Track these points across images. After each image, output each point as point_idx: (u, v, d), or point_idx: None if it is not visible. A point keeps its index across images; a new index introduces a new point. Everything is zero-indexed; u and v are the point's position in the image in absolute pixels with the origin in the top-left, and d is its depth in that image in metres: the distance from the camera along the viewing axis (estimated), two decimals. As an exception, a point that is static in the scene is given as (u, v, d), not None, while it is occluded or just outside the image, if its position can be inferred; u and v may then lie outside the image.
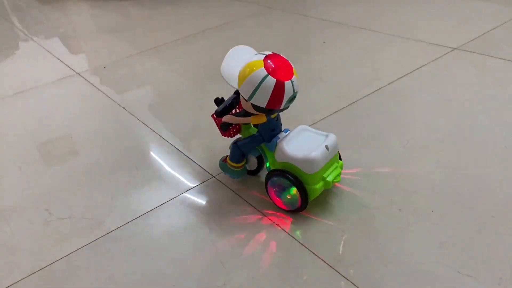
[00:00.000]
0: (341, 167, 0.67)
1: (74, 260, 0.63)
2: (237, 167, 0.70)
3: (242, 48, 0.67)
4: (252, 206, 0.68)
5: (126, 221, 0.69)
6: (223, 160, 0.73)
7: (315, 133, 0.66)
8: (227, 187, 0.73)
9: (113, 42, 1.52)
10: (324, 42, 1.26)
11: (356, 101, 0.94)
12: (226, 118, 0.68)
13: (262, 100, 0.59)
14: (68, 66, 1.34)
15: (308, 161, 0.61)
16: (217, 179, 0.76)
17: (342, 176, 0.68)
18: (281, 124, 0.68)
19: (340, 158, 0.69)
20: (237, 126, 0.72)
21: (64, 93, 1.19)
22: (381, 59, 1.12)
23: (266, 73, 0.58)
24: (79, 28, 1.75)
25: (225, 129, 0.70)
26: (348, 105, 0.93)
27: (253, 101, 0.60)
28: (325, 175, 0.63)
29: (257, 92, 0.59)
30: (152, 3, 1.90)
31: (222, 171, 0.74)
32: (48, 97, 1.17)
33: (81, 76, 1.26)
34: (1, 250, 0.67)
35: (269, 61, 0.59)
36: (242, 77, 0.60)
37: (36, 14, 2.02)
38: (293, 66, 0.62)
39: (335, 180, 0.65)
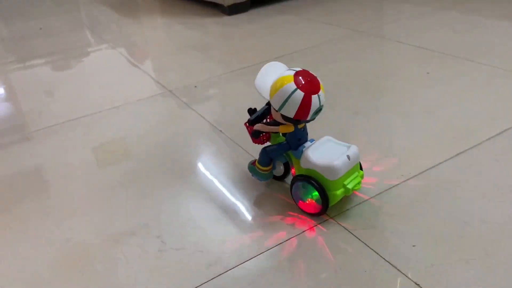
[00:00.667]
0: (362, 177, 0.73)
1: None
2: (265, 171, 0.78)
3: (275, 64, 0.75)
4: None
5: (243, 259, 0.65)
6: (252, 163, 0.80)
7: (338, 144, 0.73)
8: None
9: (200, 60, 1.52)
10: (428, 73, 1.19)
11: (479, 143, 0.86)
12: (257, 127, 0.76)
13: (290, 111, 0.67)
14: (159, 83, 1.36)
15: (331, 169, 0.68)
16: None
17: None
18: (307, 135, 0.74)
19: (361, 168, 0.74)
20: (267, 134, 0.79)
21: (158, 110, 1.19)
22: (498, 95, 1.03)
23: (295, 87, 0.66)
24: (166, 44, 1.78)
25: (256, 136, 0.77)
26: (470, 148, 0.85)
27: (282, 111, 0.67)
28: (345, 183, 0.69)
29: (286, 104, 0.66)
30: (233, 22, 1.91)
31: (251, 173, 0.80)
32: (142, 113, 1.18)
33: (173, 94, 1.27)
34: (117, 281, 0.65)
35: (299, 76, 0.67)
36: (274, 89, 0.68)
37: (120, 28, 2.09)
38: (320, 82, 0.68)
39: (354, 188, 0.70)
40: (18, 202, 0.87)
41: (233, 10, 1.98)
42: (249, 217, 0.75)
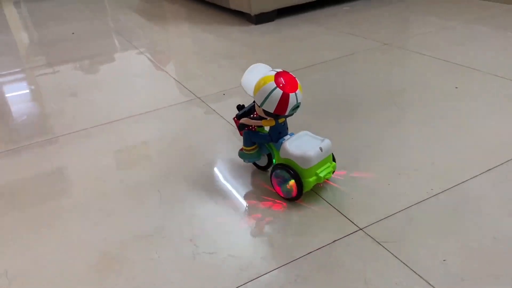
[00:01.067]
0: (334, 168, 0.83)
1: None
2: (250, 151, 0.88)
3: (260, 65, 0.85)
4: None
5: (276, 266, 0.67)
6: (240, 149, 0.90)
7: (314, 138, 0.82)
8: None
9: (228, 68, 1.56)
10: (456, 87, 1.19)
11: (509, 160, 0.86)
12: (243, 120, 0.86)
13: (270, 106, 0.77)
14: (188, 89, 1.40)
15: (304, 158, 0.77)
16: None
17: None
18: (287, 129, 0.85)
19: (334, 160, 0.84)
20: (253, 128, 0.87)
21: (188, 116, 1.22)
22: (527, 112, 1.03)
23: (275, 85, 0.75)
24: (194, 51, 1.82)
25: (242, 129, 0.89)
26: (500, 164, 0.85)
27: (264, 107, 0.77)
28: (318, 171, 0.79)
29: (267, 100, 0.76)
30: (259, 31, 1.94)
31: (241, 158, 0.90)
32: (173, 119, 1.22)
33: (202, 100, 1.30)
34: (151, 282, 0.68)
35: (279, 77, 0.77)
36: (257, 87, 0.78)
37: (149, 35, 2.15)
38: (299, 82, 0.78)
39: (326, 177, 0.80)
40: (53, 200, 0.91)
41: (259, 19, 2.01)
42: (280, 223, 0.77)
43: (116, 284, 0.68)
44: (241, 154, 0.90)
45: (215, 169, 0.95)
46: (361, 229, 0.73)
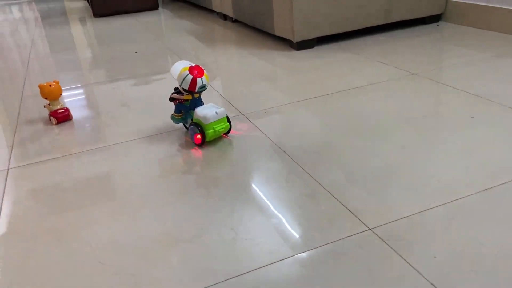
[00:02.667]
0: (227, 126, 1.33)
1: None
2: (178, 117, 1.38)
3: (183, 61, 1.32)
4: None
5: (303, 249, 0.85)
6: (172, 115, 1.39)
7: (214, 107, 1.31)
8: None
9: (269, 89, 1.76)
10: (472, 117, 1.33)
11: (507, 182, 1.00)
12: (174, 95, 1.34)
13: (186, 85, 1.28)
14: (234, 106, 1.61)
15: (205, 118, 1.27)
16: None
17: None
18: (202, 102, 1.37)
19: (228, 121, 1.34)
20: (181, 101, 1.34)
21: (233, 130, 1.43)
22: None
23: (188, 72, 1.27)
24: (240, 72, 2.05)
25: (171, 100, 1.35)
26: (498, 185, 0.99)
27: (182, 86, 1.29)
28: (215, 127, 1.29)
29: (183, 82, 1.28)
30: (300, 57, 2.14)
31: (173, 122, 1.41)
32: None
33: (246, 117, 1.51)
34: (202, 258, 0.88)
35: (192, 68, 1.28)
36: (179, 74, 1.29)
37: (200, 56, 2.40)
38: (205, 73, 1.30)
39: (220, 131, 1.31)
40: (108, 200, 1.13)
41: (301, 45, 2.22)
42: (305, 217, 0.95)
43: (177, 260, 0.88)
44: (172, 117, 1.40)
45: (254, 176, 1.15)
46: (370, 229, 0.90)
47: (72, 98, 1.89)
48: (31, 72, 2.37)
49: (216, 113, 1.27)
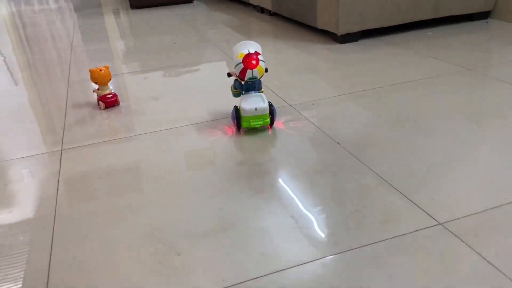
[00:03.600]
0: (265, 122, 1.30)
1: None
2: (235, 91, 1.36)
3: (245, 42, 1.32)
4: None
5: (362, 244, 0.82)
6: (231, 88, 1.38)
7: (260, 100, 1.29)
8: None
9: (315, 82, 1.73)
10: (536, 114, 1.27)
11: None
12: (231, 71, 1.35)
13: (237, 72, 1.27)
14: (282, 98, 1.59)
15: (243, 110, 1.28)
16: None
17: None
18: (255, 88, 1.32)
19: (271, 114, 1.32)
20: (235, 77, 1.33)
21: (282, 121, 1.41)
22: None
23: (241, 61, 1.25)
24: (284, 65, 2.02)
25: (228, 76, 1.36)
26: None
27: (235, 70, 1.28)
28: (251, 121, 1.29)
29: (236, 67, 1.27)
30: (344, 50, 2.10)
31: (232, 95, 1.38)
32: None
33: (294, 108, 1.48)
34: (259, 241, 0.86)
35: (247, 57, 1.25)
36: (236, 58, 1.27)
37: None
38: (261, 65, 1.26)
39: (254, 125, 1.29)
40: (137, 191, 1.13)
41: (344, 39, 2.18)
42: (364, 213, 0.92)
43: (231, 242, 0.87)
44: (231, 89, 1.39)
45: (309, 165, 1.13)
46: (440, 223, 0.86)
47: (119, 84, 1.91)
48: (75, 59, 2.41)
49: (256, 109, 1.26)
